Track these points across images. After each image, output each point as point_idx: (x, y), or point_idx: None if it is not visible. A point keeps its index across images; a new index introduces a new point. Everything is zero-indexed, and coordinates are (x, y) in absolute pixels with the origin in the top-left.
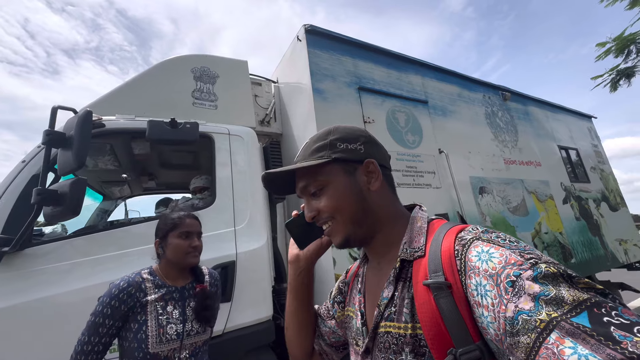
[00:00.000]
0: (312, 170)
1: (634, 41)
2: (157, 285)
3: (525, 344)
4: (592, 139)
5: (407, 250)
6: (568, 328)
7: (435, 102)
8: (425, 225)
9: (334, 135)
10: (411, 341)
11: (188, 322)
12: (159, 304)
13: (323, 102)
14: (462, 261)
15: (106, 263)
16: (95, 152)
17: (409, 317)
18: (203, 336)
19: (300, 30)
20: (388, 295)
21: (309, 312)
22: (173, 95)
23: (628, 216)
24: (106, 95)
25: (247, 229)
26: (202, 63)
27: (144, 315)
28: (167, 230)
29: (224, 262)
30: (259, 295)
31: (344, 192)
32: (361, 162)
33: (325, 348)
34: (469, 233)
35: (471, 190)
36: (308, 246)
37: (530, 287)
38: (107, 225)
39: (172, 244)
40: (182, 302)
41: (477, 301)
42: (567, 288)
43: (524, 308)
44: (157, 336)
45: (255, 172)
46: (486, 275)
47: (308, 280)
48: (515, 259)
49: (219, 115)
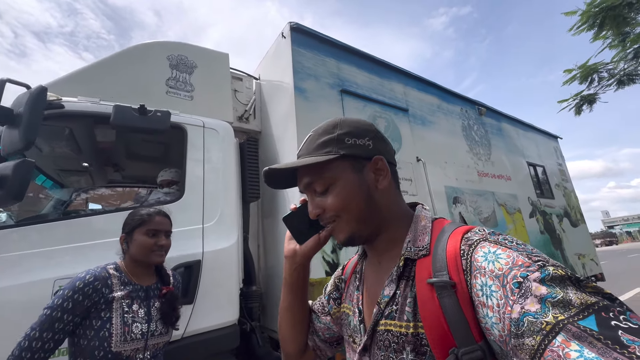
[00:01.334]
0: (318, 167)
1: (596, 70)
2: (123, 282)
3: (530, 346)
4: (557, 157)
5: (411, 249)
6: (575, 331)
7: (415, 111)
8: (429, 225)
9: (342, 129)
10: (412, 340)
11: (152, 322)
12: (125, 301)
13: (304, 102)
14: (468, 261)
15: (60, 256)
16: (52, 136)
17: (411, 315)
18: (165, 337)
19: (286, 27)
20: (389, 294)
21: (304, 307)
22: (145, 82)
23: (586, 232)
24: (70, 75)
25: (217, 227)
26: (180, 51)
27: (108, 312)
28: (134, 226)
29: (188, 261)
30: (225, 298)
31: (351, 190)
32: (369, 158)
33: (319, 344)
34: (476, 234)
35: (446, 199)
36: (306, 242)
37: (537, 289)
38: (61, 216)
39: (138, 240)
40: (147, 301)
41: (482, 301)
42: (574, 291)
43: (530, 310)
44: (122, 334)
45: (230, 168)
46: (492, 275)
47: (304, 276)
48: (522, 260)
49: (195, 107)
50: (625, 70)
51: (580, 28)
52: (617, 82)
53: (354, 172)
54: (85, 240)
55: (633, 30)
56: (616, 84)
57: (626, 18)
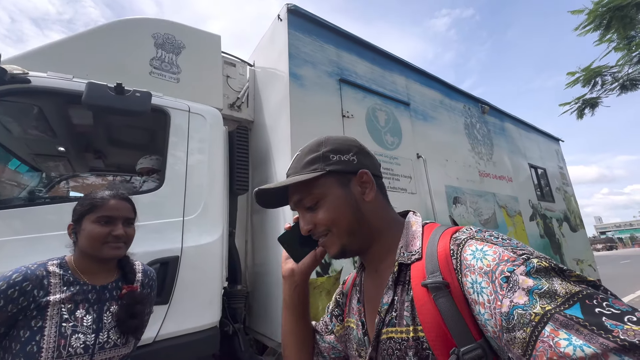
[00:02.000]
0: (306, 184)
1: (600, 73)
2: (66, 281)
3: (521, 339)
4: (558, 160)
5: (404, 254)
6: (562, 320)
7: (417, 106)
8: (420, 229)
9: (326, 146)
10: (414, 344)
11: (104, 331)
12: (65, 306)
13: (300, 89)
14: (457, 260)
15: (15, 249)
16: (20, 115)
17: (410, 320)
18: (123, 349)
19: (282, 9)
20: (388, 301)
21: (307, 328)
22: (126, 60)
23: (585, 238)
24: (41, 47)
25: (199, 221)
26: (166, 30)
27: (40, 321)
28: (83, 212)
29: (164, 257)
30: (205, 298)
31: (339, 204)
32: (355, 173)
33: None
34: (464, 233)
35: (446, 199)
36: (302, 260)
37: (524, 282)
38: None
39: (86, 230)
40: (99, 305)
41: (474, 299)
42: (559, 281)
43: (519, 302)
44: (54, 349)
45: (216, 157)
46: (481, 272)
47: (304, 295)
48: (508, 255)
49: (181, 90)
50: (629, 74)
51: (586, 28)
52: (620, 87)
53: (340, 186)
54: (47, 230)
55: (639, 34)
56: (619, 88)
57: (633, 20)
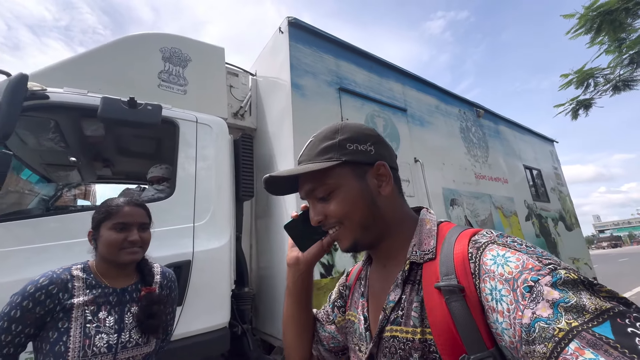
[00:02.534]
0: (319, 173)
1: (592, 75)
2: (89, 285)
3: (541, 353)
4: (553, 161)
5: (416, 253)
6: (589, 339)
7: (413, 111)
8: (435, 228)
9: (343, 134)
10: (420, 346)
11: (125, 331)
12: (88, 308)
13: (301, 99)
14: (476, 264)
15: (42, 253)
16: (37, 128)
17: (417, 321)
18: (144, 348)
19: (283, 22)
20: (395, 299)
21: (308, 316)
22: (136, 74)
23: (581, 236)
24: (56, 64)
25: (208, 227)
26: (173, 43)
27: (67, 322)
28: (100, 219)
29: (177, 261)
30: (216, 300)
31: (354, 197)
32: (372, 164)
33: (324, 353)
34: (484, 237)
35: (443, 201)
36: (308, 249)
37: (549, 294)
38: (44, 212)
39: (104, 236)
40: (120, 306)
41: (492, 306)
42: (588, 296)
43: (542, 315)
44: (80, 349)
45: (223, 165)
46: (502, 279)
47: (308, 284)
48: (532, 263)
49: (188, 102)
50: (621, 76)
51: (577, 32)
52: (612, 88)
53: (356, 178)
54: (66, 238)
55: (629, 36)
56: (612, 89)
57: (623, 23)
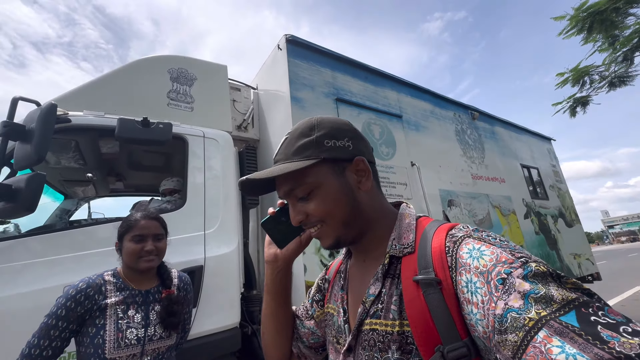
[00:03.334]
0: (298, 172)
1: (587, 73)
2: (119, 287)
3: (512, 342)
4: (551, 159)
5: (396, 247)
6: (557, 327)
7: (409, 117)
8: (414, 222)
9: (320, 130)
10: (398, 338)
11: (151, 326)
12: (119, 307)
13: (301, 111)
14: (453, 258)
15: (65, 264)
16: (59, 149)
17: (396, 314)
18: (167, 341)
19: (281, 40)
20: (375, 292)
21: (287, 313)
22: (147, 95)
23: (581, 232)
24: (75, 90)
25: (218, 234)
26: (179, 64)
27: (102, 319)
28: (122, 232)
29: (191, 266)
30: (226, 302)
31: (335, 195)
32: (350, 160)
33: (304, 350)
34: (460, 231)
35: (440, 202)
36: (287, 245)
37: (520, 285)
38: (67, 225)
39: (125, 247)
40: (145, 306)
41: (467, 298)
42: (556, 287)
43: (514, 306)
44: (115, 341)
45: (230, 176)
46: (477, 272)
47: (286, 281)
48: (506, 257)
49: (195, 118)
50: (616, 72)
51: (569, 32)
52: (608, 84)
53: (335, 175)
54: (89, 248)
55: (622, 33)
56: (608, 85)
57: (614, 22)
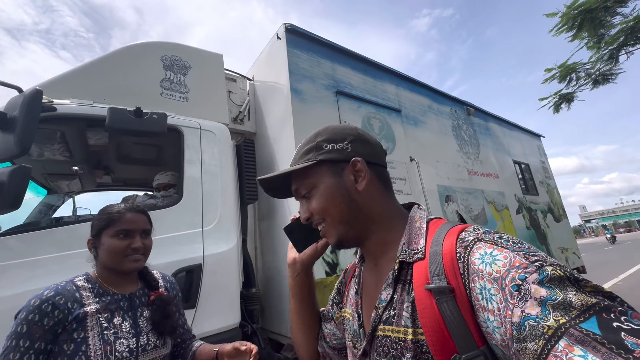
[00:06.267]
0: (301, 173)
1: (574, 70)
2: (97, 293)
3: (532, 351)
4: (540, 155)
5: (405, 252)
6: (577, 335)
7: (407, 112)
8: (424, 226)
9: (321, 136)
10: (413, 347)
11: (142, 334)
12: (102, 315)
13: (301, 103)
14: (464, 264)
15: (48, 265)
16: (42, 140)
17: (409, 321)
18: (162, 350)
19: (280, 29)
20: (387, 298)
21: (312, 313)
22: (139, 83)
23: (568, 227)
24: (59, 76)
25: (216, 231)
26: (173, 52)
27: (82, 332)
28: (101, 227)
29: (189, 265)
30: (226, 301)
31: (330, 193)
32: (348, 161)
33: (327, 350)
34: (471, 234)
35: (438, 198)
36: (305, 250)
37: (536, 291)
38: (51, 223)
39: (106, 244)
40: (132, 311)
41: (482, 305)
42: (574, 292)
43: (531, 313)
44: (102, 355)
45: (227, 170)
46: (490, 278)
47: (307, 282)
48: (519, 261)
49: (190, 109)
50: (600, 70)
51: (560, 29)
52: (592, 82)
53: (333, 176)
54: (73, 248)
55: (608, 32)
56: (592, 83)
57: (602, 21)
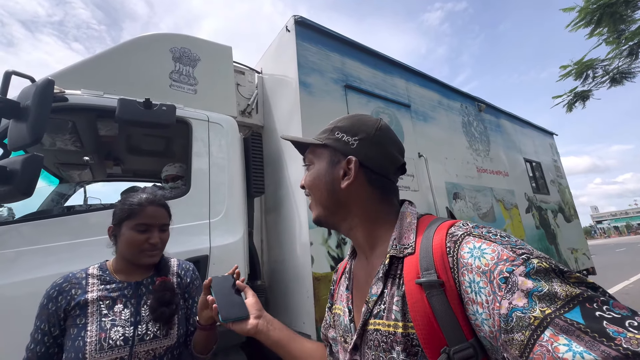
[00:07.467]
0: (307, 147)
1: (591, 67)
2: (103, 281)
3: (519, 341)
4: (553, 154)
5: (396, 247)
6: (562, 325)
7: (417, 107)
8: (414, 221)
9: (342, 122)
10: (402, 340)
11: (142, 323)
12: (103, 302)
13: (309, 96)
14: (454, 258)
15: (59, 253)
16: (54, 129)
17: (399, 315)
18: (164, 341)
19: (290, 21)
20: (377, 292)
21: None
22: (148, 75)
23: (579, 227)
24: (71, 67)
25: (223, 223)
26: (182, 44)
27: (84, 318)
28: (123, 217)
29: (195, 256)
30: None
31: (319, 176)
32: (346, 156)
33: None
34: (460, 229)
35: (446, 195)
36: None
37: (523, 283)
38: (63, 211)
39: (125, 235)
40: (136, 299)
41: (472, 298)
42: (559, 283)
43: (518, 305)
44: (97, 342)
45: (235, 163)
46: (479, 272)
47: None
48: (507, 254)
49: (198, 101)
50: (619, 68)
51: (578, 24)
52: (610, 80)
53: (328, 162)
54: (84, 236)
55: (628, 27)
56: (609, 81)
57: (622, 15)
